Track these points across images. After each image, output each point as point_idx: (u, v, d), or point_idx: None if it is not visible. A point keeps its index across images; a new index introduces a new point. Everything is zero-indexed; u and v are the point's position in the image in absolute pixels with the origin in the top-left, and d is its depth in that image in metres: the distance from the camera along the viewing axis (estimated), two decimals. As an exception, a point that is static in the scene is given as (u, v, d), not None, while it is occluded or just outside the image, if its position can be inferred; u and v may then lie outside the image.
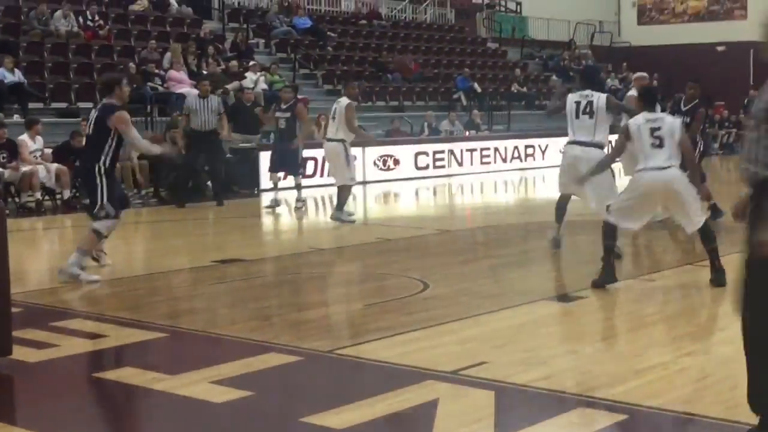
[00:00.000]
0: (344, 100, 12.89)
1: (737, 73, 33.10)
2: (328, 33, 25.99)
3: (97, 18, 20.89)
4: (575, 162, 9.84)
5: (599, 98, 9.90)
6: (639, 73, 12.89)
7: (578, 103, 9.91)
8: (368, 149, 19.53)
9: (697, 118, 12.49)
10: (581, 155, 9.79)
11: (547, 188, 19.95)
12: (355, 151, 19.53)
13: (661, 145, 8.08)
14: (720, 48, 33.81)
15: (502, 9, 36.15)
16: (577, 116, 9.91)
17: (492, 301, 8.22)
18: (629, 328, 7.44)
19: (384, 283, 9.09)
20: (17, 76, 17.31)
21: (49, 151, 15.39)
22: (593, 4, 36.54)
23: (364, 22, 28.26)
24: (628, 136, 8.28)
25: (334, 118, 12.95)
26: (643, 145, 8.13)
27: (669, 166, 8.05)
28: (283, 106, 14.93)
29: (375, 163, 19.88)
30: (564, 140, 10.88)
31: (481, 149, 22.52)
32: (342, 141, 12.78)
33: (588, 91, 9.97)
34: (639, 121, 8.23)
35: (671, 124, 8.24)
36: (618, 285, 8.47)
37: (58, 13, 19.96)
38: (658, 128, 8.12)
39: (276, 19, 25.35)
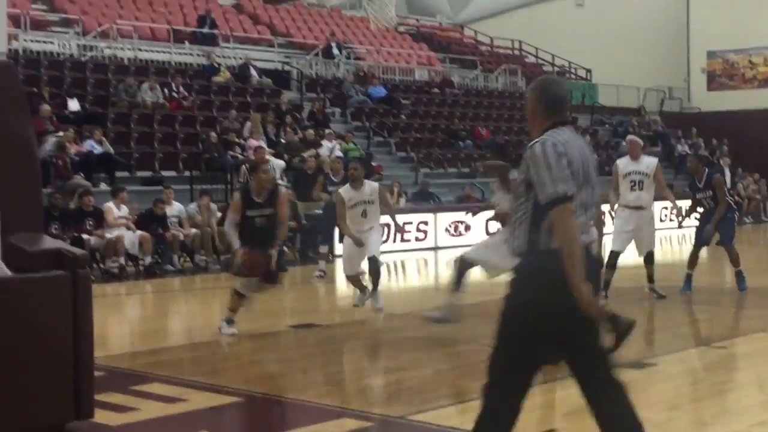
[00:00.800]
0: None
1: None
2: (402, 101, 26.27)
3: (181, 89, 21.41)
4: None
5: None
6: (630, 137, 12.77)
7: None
8: (440, 216, 19.57)
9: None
10: None
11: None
12: (427, 217, 19.70)
13: None
14: (790, 113, 33.30)
15: (573, 76, 36.16)
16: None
17: (562, 367, 8.10)
18: (700, 396, 7.28)
19: (455, 348, 9.04)
20: (105, 146, 17.76)
21: (132, 217, 15.68)
22: (663, 70, 36.35)
23: (436, 90, 28.50)
24: None
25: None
26: None
27: None
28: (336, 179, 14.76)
29: (447, 230, 19.89)
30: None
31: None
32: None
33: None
34: None
35: None
36: (689, 352, 8.31)
37: (145, 85, 20.52)
38: None
39: (352, 89, 25.69)
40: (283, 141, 20.79)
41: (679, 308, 11.58)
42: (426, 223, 19.61)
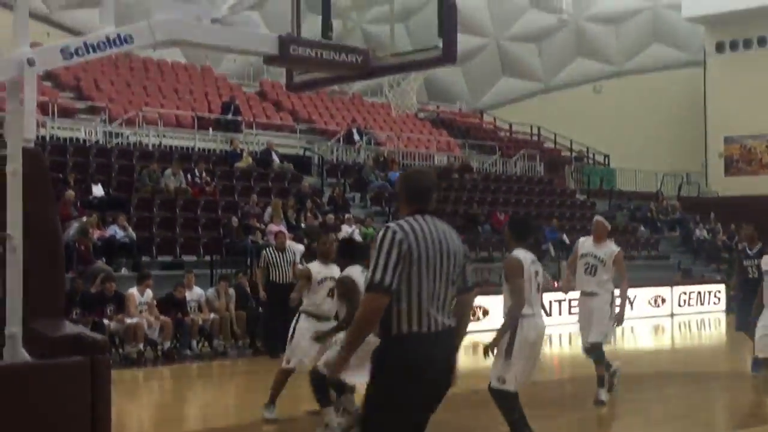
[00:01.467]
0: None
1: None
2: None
3: (204, 175, 21.64)
4: None
5: None
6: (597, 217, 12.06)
7: None
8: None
9: None
10: None
11: (635, 339, 19.61)
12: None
13: None
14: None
15: (591, 162, 36.35)
16: None
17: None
18: None
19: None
20: (128, 232, 17.87)
21: (154, 302, 15.67)
22: (680, 155, 36.50)
23: (455, 175, 28.69)
24: None
25: None
26: None
27: None
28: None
29: (468, 314, 19.80)
30: (650, 290, 10.88)
31: (570, 300, 22.26)
32: None
33: None
34: None
35: None
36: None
37: (168, 171, 20.74)
38: None
39: (372, 174, 25.91)
40: (303, 225, 20.91)
41: (700, 395, 11.44)
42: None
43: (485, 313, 19.88)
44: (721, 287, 25.06)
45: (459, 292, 4.65)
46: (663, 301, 23.87)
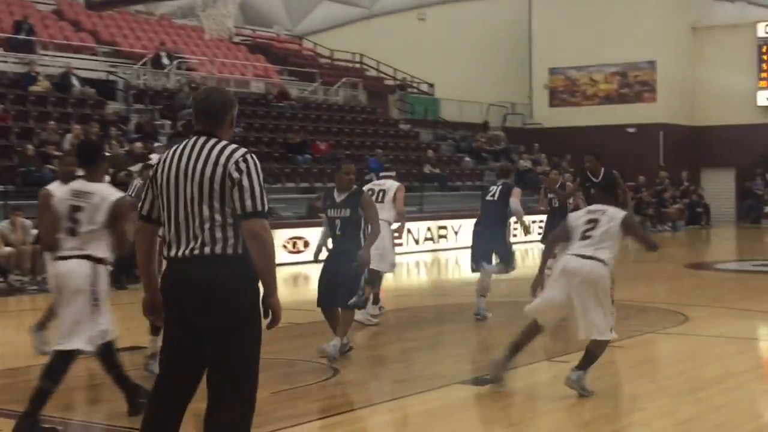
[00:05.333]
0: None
1: (647, 153, 34.09)
2: (239, 112, 26.03)
3: (-6, 99, 20.67)
4: None
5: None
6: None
7: None
8: (277, 231, 19.43)
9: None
10: None
11: (460, 269, 20.11)
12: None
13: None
14: (630, 129, 34.79)
15: (415, 91, 36.76)
16: None
17: (404, 386, 8.17)
18: (544, 411, 7.45)
19: (293, 369, 8.96)
20: None
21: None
22: (506, 86, 37.36)
23: (274, 103, 28.42)
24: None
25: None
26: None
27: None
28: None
29: (284, 246, 19.78)
30: (474, 221, 11.19)
31: (392, 231, 22.56)
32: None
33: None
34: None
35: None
36: (531, 367, 8.50)
37: (-47, 94, 19.69)
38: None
39: (188, 100, 25.35)
40: (107, 154, 20.27)
41: (521, 323, 11.83)
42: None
43: (306, 244, 19.88)
44: (544, 217, 25.92)
45: (237, 219, 4.53)
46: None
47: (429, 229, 23.86)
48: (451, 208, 25.86)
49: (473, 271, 12.11)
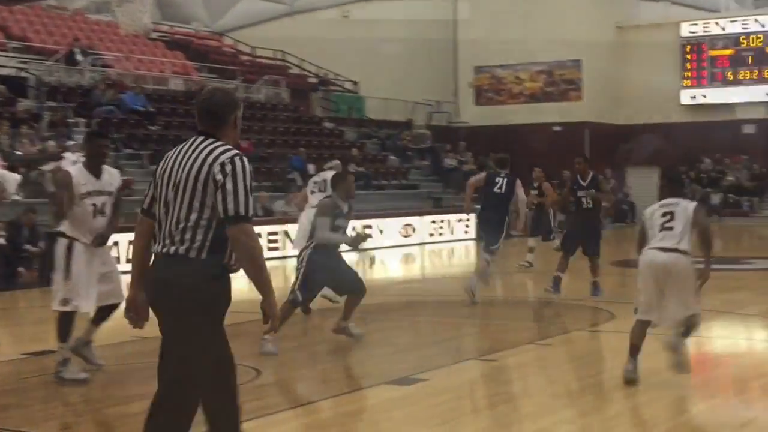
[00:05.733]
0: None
1: (573, 152, 34.44)
2: (154, 111, 25.70)
3: None
4: None
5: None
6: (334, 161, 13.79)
7: None
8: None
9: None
10: None
11: (385, 269, 20.13)
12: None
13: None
14: (556, 128, 35.18)
15: (339, 89, 36.69)
16: None
17: (329, 386, 8.12)
18: (470, 409, 7.46)
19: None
20: None
21: None
22: (431, 84, 37.50)
23: (194, 101, 28.11)
24: None
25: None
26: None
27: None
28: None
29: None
30: (400, 220, 11.11)
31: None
32: None
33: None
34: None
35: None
36: (460, 366, 8.51)
37: None
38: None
39: (104, 97, 24.96)
40: (19, 153, 19.89)
41: (449, 322, 11.88)
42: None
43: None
44: (471, 216, 26.12)
45: (217, 222, 4.48)
46: (414, 230, 24.67)
47: (354, 228, 23.76)
48: (376, 207, 25.85)
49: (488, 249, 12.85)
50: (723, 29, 35.96)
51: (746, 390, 8.05)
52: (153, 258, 4.60)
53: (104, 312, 8.38)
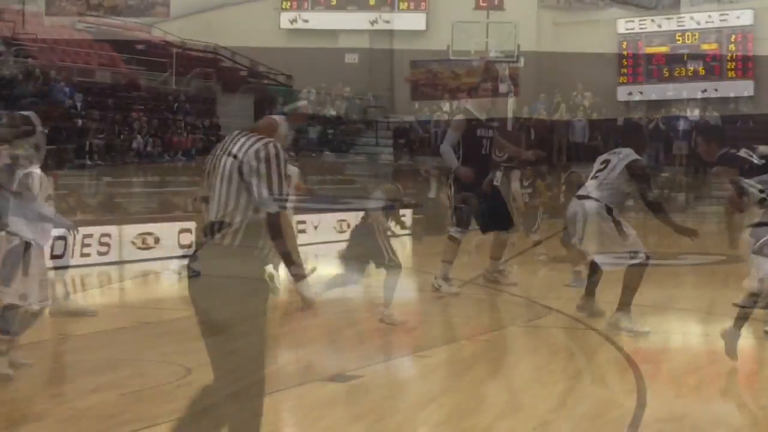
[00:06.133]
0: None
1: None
2: (85, 103, 25.41)
3: None
4: None
5: None
6: None
7: None
8: (124, 228, 19.00)
9: None
10: None
11: (320, 265, 20.04)
12: (111, 229, 19.07)
13: None
14: (493, 123, 35.36)
15: (272, 82, 36.50)
16: None
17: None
18: (405, 406, 7.48)
19: (142, 369, 8.76)
20: None
21: None
22: (366, 79, 37.52)
23: (122, 93, 27.85)
24: None
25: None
26: None
27: None
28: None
29: (133, 242, 19.29)
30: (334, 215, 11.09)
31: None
32: None
33: None
34: None
35: None
36: (395, 362, 8.53)
37: None
38: None
39: (27, 89, 24.65)
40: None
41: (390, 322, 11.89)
42: (109, 235, 18.91)
43: (156, 240, 19.41)
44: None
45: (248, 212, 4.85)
46: (349, 226, 24.62)
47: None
48: (310, 202, 25.76)
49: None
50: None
51: (681, 385, 8.18)
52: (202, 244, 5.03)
53: None
